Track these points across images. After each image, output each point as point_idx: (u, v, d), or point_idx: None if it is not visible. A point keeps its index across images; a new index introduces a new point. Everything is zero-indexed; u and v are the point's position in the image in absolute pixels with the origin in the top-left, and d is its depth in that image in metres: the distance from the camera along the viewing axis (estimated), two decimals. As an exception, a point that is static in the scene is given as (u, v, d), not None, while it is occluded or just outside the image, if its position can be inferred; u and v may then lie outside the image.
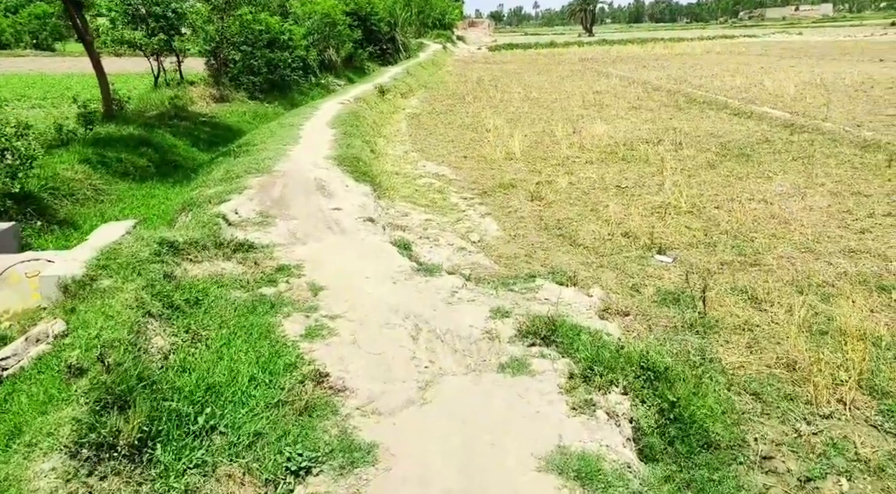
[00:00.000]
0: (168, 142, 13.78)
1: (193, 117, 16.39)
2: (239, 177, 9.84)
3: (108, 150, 11.87)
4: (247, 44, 21.28)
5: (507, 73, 39.00)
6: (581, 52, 59.63)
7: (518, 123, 18.71)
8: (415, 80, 31.89)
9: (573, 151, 14.60)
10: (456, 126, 19.37)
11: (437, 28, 68.43)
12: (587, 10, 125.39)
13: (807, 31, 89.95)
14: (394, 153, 15.56)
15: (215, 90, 20.10)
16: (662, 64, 40.07)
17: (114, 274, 5.45)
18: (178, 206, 9.31)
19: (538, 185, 11.72)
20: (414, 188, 11.97)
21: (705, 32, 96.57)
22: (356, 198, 9.56)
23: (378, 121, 18.96)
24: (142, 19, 19.34)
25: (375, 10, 38.33)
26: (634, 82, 29.20)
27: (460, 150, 15.64)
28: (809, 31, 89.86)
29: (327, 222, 8.40)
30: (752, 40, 69.13)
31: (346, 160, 11.50)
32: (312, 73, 26.28)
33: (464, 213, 10.37)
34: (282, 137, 13.52)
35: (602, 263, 7.97)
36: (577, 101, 23.46)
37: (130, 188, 11.11)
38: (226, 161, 11.39)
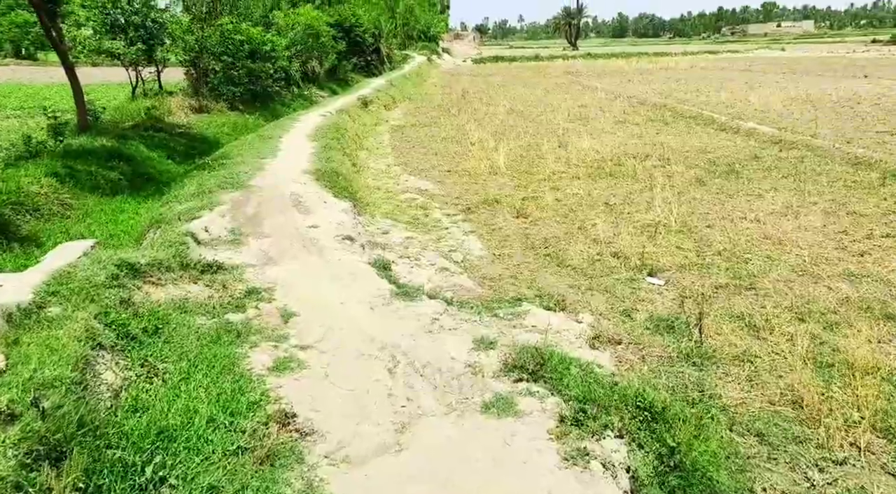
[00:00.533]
0: (142, 155, 13.27)
1: (170, 128, 15.89)
2: (212, 192, 9.39)
3: (79, 163, 11.36)
4: (227, 54, 20.84)
5: (492, 85, 38.90)
6: (566, 65, 59.83)
7: (503, 137, 18.42)
8: (399, 91, 31.60)
9: (559, 166, 14.31)
10: (440, 139, 19.06)
11: (423, 40, 68.45)
12: (571, 23, 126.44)
13: (789, 46, 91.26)
14: (376, 167, 15.18)
15: (194, 101, 19.61)
16: (647, 78, 40.17)
17: (64, 300, 4.98)
18: (146, 223, 8.83)
19: (524, 201, 11.38)
20: (396, 204, 11.59)
21: (689, 47, 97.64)
22: (335, 215, 9.15)
23: (360, 134, 18.59)
24: (121, 29, 18.89)
25: (360, 22, 38.05)
26: (620, 96, 29.13)
27: (444, 164, 15.30)
28: (792, 46, 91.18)
29: (303, 241, 7.97)
30: (736, 55, 69.86)
31: (325, 174, 11.10)
32: (295, 84, 25.87)
33: (447, 231, 9.99)
34: (259, 150, 13.08)
35: (591, 285, 7.62)
36: (562, 115, 23.26)
37: (100, 202, 10.59)
38: (199, 175, 10.92)
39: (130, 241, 8.72)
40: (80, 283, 5.22)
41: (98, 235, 8.97)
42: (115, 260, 5.86)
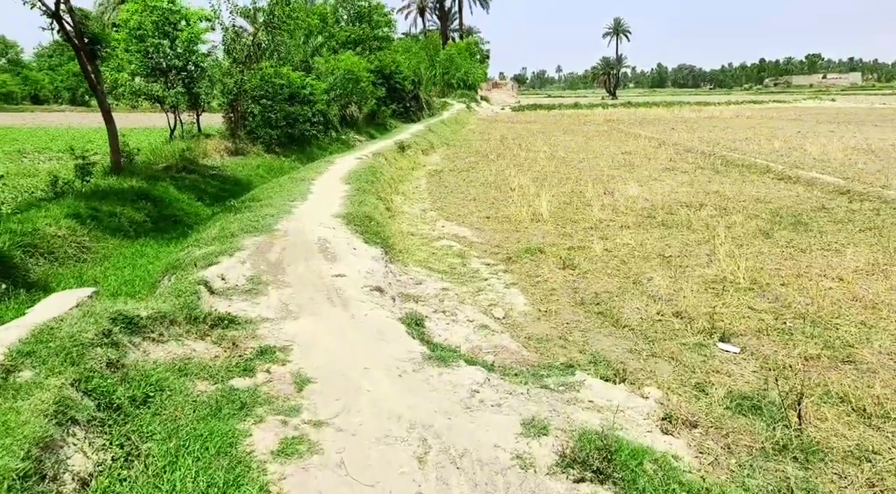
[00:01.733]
0: (170, 196, 12.86)
1: (203, 170, 15.58)
2: (234, 236, 8.74)
3: (104, 204, 10.94)
4: (266, 97, 20.79)
5: (532, 132, 38.45)
6: (606, 113, 59.38)
7: (545, 183, 17.66)
8: (437, 136, 31.30)
9: (606, 214, 13.39)
10: (478, 184, 18.37)
11: (462, 88, 69.01)
12: (611, 73, 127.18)
13: (839, 97, 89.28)
14: (411, 211, 14.49)
15: (231, 143, 19.46)
16: (691, 126, 39.24)
17: (40, 363, 4.23)
18: (162, 269, 8.19)
19: (570, 251, 10.47)
20: (431, 251, 10.79)
21: (732, 97, 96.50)
22: (364, 263, 8.37)
23: (396, 178, 18.02)
24: (162, 72, 18.97)
25: (400, 69, 38.35)
26: (665, 143, 28.24)
27: (483, 210, 14.53)
28: (841, 97, 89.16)
29: (327, 291, 7.18)
30: (783, 106, 68.44)
31: (356, 218, 10.40)
32: (333, 127, 25.75)
33: (486, 282, 9.11)
34: (290, 192, 12.52)
35: (654, 351, 6.60)
36: (605, 161, 22.45)
37: (121, 245, 10.07)
38: (223, 217, 10.34)
39: (145, 288, 8.08)
40: (63, 341, 4.48)
41: (113, 280, 8.38)
42: (111, 312, 5.13)
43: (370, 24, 35.44)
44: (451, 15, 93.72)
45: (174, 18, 18.44)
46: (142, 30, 18.03)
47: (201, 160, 16.77)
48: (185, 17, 18.87)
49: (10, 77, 67.23)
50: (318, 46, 28.78)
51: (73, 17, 13.37)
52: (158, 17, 18.15)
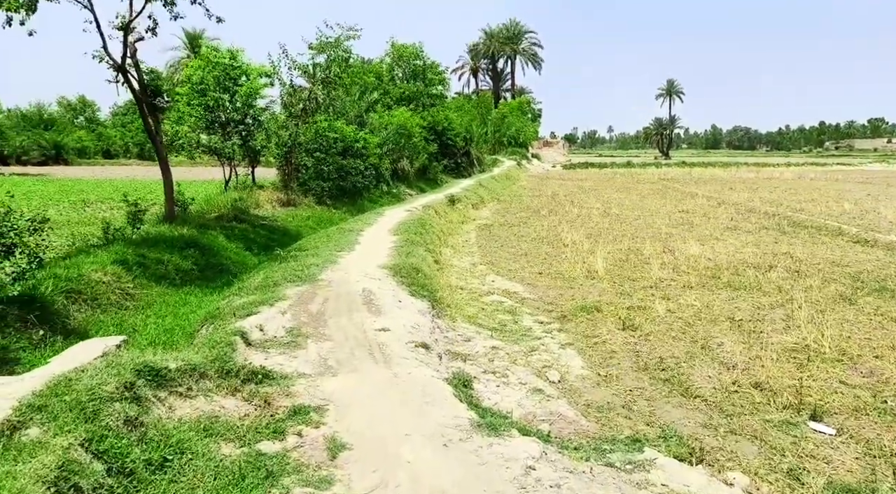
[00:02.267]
0: (219, 245, 12.80)
1: (253, 220, 15.62)
2: (277, 285, 8.43)
3: (152, 251, 10.89)
4: (320, 150, 21.06)
5: (584, 189, 37.98)
6: (660, 172, 58.56)
7: (599, 239, 17.01)
8: (487, 191, 31.15)
9: (667, 273, 12.62)
10: (530, 239, 17.86)
11: (513, 145, 69.51)
12: (664, 133, 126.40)
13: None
14: (460, 265, 14.03)
15: (283, 194, 19.63)
16: (750, 186, 38.05)
17: (50, 419, 3.85)
18: (201, 318, 7.89)
19: (629, 311, 9.75)
20: (480, 306, 10.24)
21: (791, 159, 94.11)
22: (409, 317, 7.88)
23: (446, 230, 17.70)
24: (220, 125, 19.48)
25: (452, 126, 38.78)
26: (724, 203, 27.27)
27: (535, 265, 13.96)
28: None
29: (370, 346, 6.70)
30: (848, 168, 66.12)
31: (403, 270, 9.99)
32: (384, 181, 25.88)
33: (539, 342, 8.47)
34: (337, 243, 12.29)
35: (732, 427, 5.81)
36: (662, 219, 21.68)
37: (165, 293, 9.91)
38: (268, 267, 10.11)
39: (184, 338, 7.78)
40: (80, 394, 4.10)
41: (152, 329, 8.13)
42: (137, 364, 4.77)
43: (424, 81, 36.17)
44: (503, 75, 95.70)
45: (235, 74, 19.03)
46: (203, 84, 18.63)
47: (253, 210, 16.88)
48: (245, 72, 19.47)
49: (86, 133, 71.48)
50: (373, 102, 29.35)
51: (138, 71, 13.84)
52: (220, 73, 18.76)
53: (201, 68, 18.87)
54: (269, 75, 20.47)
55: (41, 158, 61.07)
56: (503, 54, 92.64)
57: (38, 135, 62.87)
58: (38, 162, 60.23)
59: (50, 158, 61.75)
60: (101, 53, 13.15)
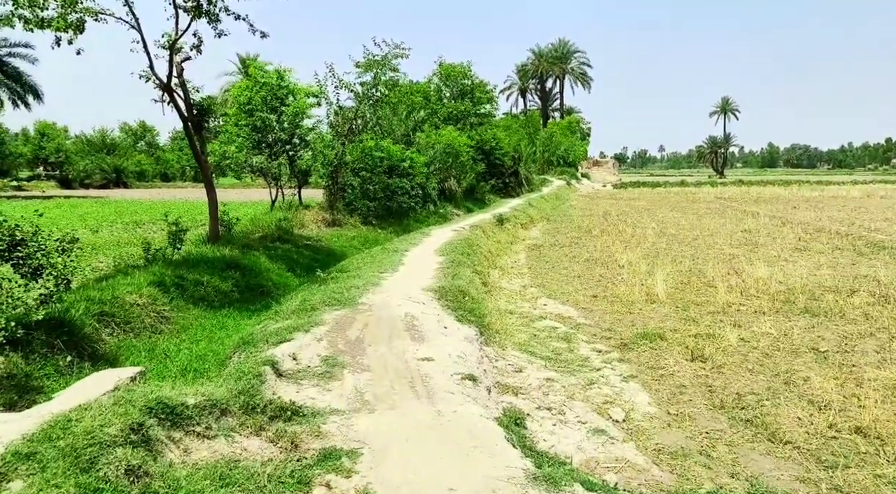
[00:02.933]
0: (260, 266, 12.46)
1: (297, 240, 15.30)
2: (314, 309, 7.92)
3: (191, 272, 10.60)
4: (366, 169, 20.78)
5: (636, 208, 36.73)
6: (715, 191, 56.43)
7: (657, 260, 16.03)
8: (536, 211, 30.36)
9: (734, 297, 11.61)
10: (582, 260, 17.01)
11: (562, 165, 68.49)
12: (718, 152, 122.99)
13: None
14: (509, 287, 13.32)
15: (328, 214, 19.37)
16: (815, 205, 36.07)
17: (39, 469, 3.34)
18: (234, 344, 7.43)
19: (697, 339, 8.85)
20: (532, 332, 9.50)
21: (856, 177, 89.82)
22: (455, 344, 7.23)
23: (494, 251, 17.02)
24: (267, 145, 19.42)
25: (500, 145, 38.24)
26: (789, 222, 25.74)
27: (589, 288, 13.13)
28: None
29: (411, 378, 6.07)
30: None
31: (449, 293, 9.35)
32: (431, 201, 25.44)
33: (598, 373, 7.67)
34: (380, 264, 11.77)
35: (836, 482, 4.91)
36: (723, 239, 20.46)
37: (203, 315, 9.55)
38: (307, 289, 9.64)
39: (216, 365, 7.32)
40: (77, 439, 3.59)
41: (185, 354, 7.71)
42: (149, 400, 4.26)
43: (472, 100, 35.81)
44: (551, 95, 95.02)
45: (282, 93, 18.99)
46: (251, 104, 18.64)
47: (297, 230, 16.61)
48: (292, 92, 19.42)
49: (145, 157, 74.20)
50: (420, 121, 29.08)
51: (184, 90, 13.79)
52: (267, 93, 18.74)
53: (249, 88, 18.92)
54: (316, 95, 20.38)
55: (103, 181, 63.53)
56: (552, 74, 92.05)
57: (100, 160, 65.47)
58: (100, 185, 62.68)
59: (111, 181, 64.17)
60: (147, 73, 13.15)
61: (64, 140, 68.11)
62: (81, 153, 68.29)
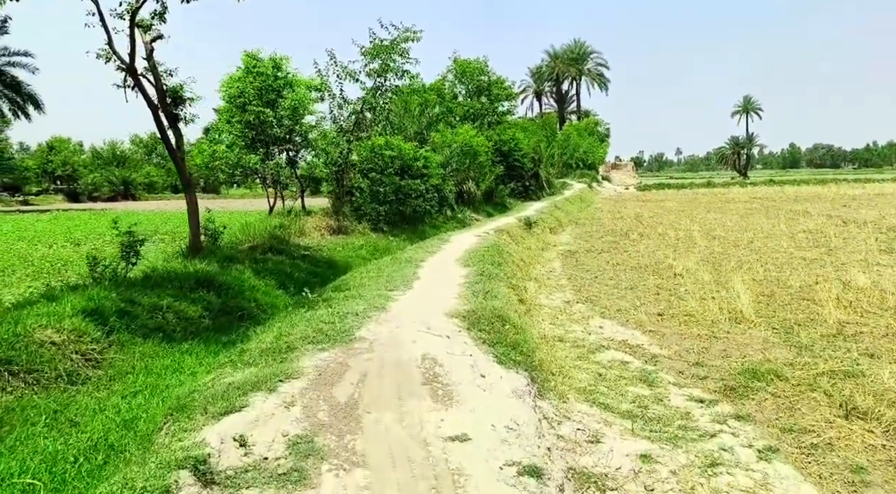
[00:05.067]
0: (244, 283, 10.07)
1: (293, 250, 12.92)
2: (291, 350, 5.47)
3: (147, 294, 8.22)
4: (375, 170, 18.39)
5: (668, 210, 34.02)
6: (746, 192, 53.41)
7: (719, 267, 13.47)
8: (564, 214, 27.80)
9: (847, 314, 9.01)
10: (628, 268, 14.44)
11: (581, 168, 65.73)
12: (740, 152, 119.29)
13: None
14: (550, 304, 10.80)
15: (333, 220, 16.99)
16: (865, 203, 33.15)
17: None
18: (165, 412, 4.98)
19: (834, 380, 6.29)
20: (595, 370, 6.97)
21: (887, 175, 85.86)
22: (500, 405, 4.74)
23: (526, 259, 14.49)
24: (263, 143, 17.12)
25: (519, 146, 35.74)
26: (851, 221, 22.94)
27: (649, 303, 10.59)
28: None
29: (435, 479, 3.59)
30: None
31: (482, 319, 6.85)
32: (448, 205, 23.00)
33: (716, 443, 5.11)
34: (390, 278, 9.29)
35: None
36: (784, 242, 17.78)
37: (154, 352, 7.14)
38: (288, 317, 7.19)
39: (146, 436, 4.90)
40: None
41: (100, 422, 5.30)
42: None
43: (489, 98, 33.36)
44: (567, 97, 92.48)
45: (278, 85, 16.70)
46: (243, 97, 16.36)
47: (295, 239, 14.23)
48: (290, 83, 17.12)
49: (155, 169, 72.48)
50: (435, 119, 26.68)
51: (155, 75, 11.51)
52: (261, 84, 16.46)
53: (241, 79, 16.65)
54: (318, 88, 18.07)
55: (111, 194, 61.92)
56: (568, 76, 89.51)
57: (109, 172, 63.88)
58: (109, 198, 61.07)
59: (119, 194, 62.54)
60: (106, 52, 10.89)
61: (71, 153, 66.69)
62: (91, 166, 66.84)
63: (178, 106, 11.92)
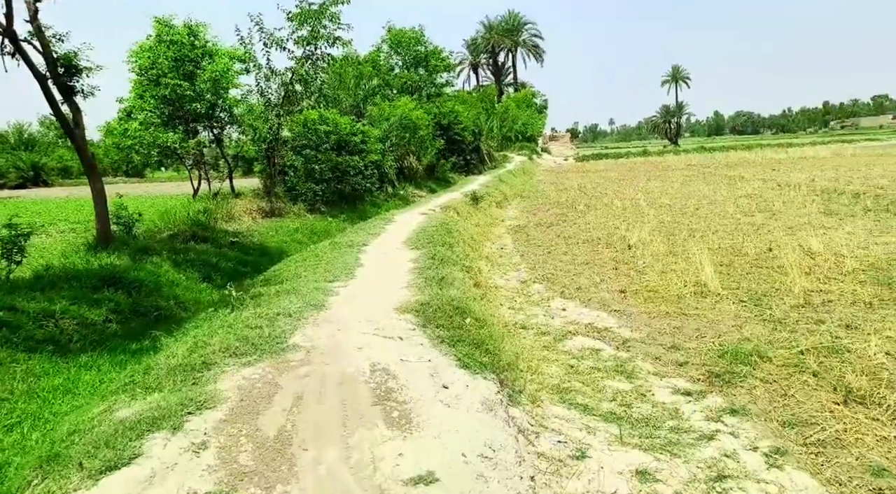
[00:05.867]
0: (161, 278, 8.84)
1: (220, 237, 11.67)
2: (207, 366, 4.44)
3: (33, 300, 6.95)
4: (309, 146, 17.09)
5: (610, 180, 33.93)
6: (680, 159, 54.31)
7: (672, 237, 13.06)
8: (508, 187, 27.15)
9: (811, 282, 8.62)
10: (580, 241, 13.86)
11: (520, 140, 65.39)
12: (671, 121, 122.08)
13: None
14: (506, 285, 10.05)
15: (265, 203, 15.68)
16: (794, 167, 33.93)
17: None
18: (35, 462, 3.89)
19: (822, 358, 5.76)
20: (566, 363, 6.23)
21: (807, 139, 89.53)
22: (471, 427, 3.90)
23: (476, 236, 13.67)
24: (182, 120, 15.55)
25: (459, 119, 34.77)
26: (786, 185, 23.19)
27: (607, 279, 9.99)
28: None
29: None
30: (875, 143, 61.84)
31: (438, 313, 5.96)
32: (389, 182, 21.91)
33: (713, 446, 4.44)
34: (329, 266, 8.26)
35: None
36: (728, 207, 17.64)
37: (42, 370, 5.94)
38: (206, 323, 6.10)
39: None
40: None
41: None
42: None
43: (427, 69, 32.13)
44: (504, 69, 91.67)
45: (195, 54, 15.12)
46: (156, 68, 14.72)
47: (223, 224, 12.93)
48: (209, 53, 15.55)
49: (68, 152, 67.46)
50: (372, 91, 25.34)
51: (41, 39, 9.93)
52: (176, 53, 14.85)
53: (152, 49, 14.98)
54: (242, 60, 16.53)
55: (19, 181, 57.29)
56: (503, 47, 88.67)
57: (15, 157, 59.04)
58: (16, 185, 56.49)
59: (28, 180, 57.91)
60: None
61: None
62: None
63: (73, 76, 10.38)
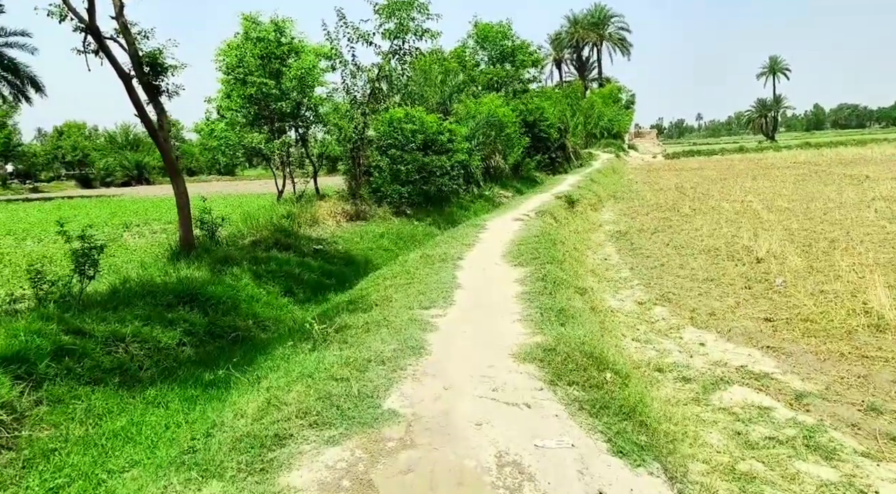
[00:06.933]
0: (240, 293, 8.08)
1: (303, 244, 10.90)
2: (282, 440, 3.39)
3: (103, 321, 6.25)
4: (395, 146, 16.22)
5: (709, 179, 31.40)
6: (783, 156, 50.20)
7: (808, 249, 11.23)
8: (601, 188, 25.42)
9: None
10: (696, 251, 12.22)
11: (606, 137, 62.76)
12: (767, 116, 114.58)
13: None
14: (622, 307, 8.67)
15: (350, 205, 14.91)
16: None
17: None
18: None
19: None
20: (729, 427, 4.84)
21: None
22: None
23: (578, 246, 12.28)
24: (267, 120, 15.02)
25: (545, 116, 33.18)
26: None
27: (744, 302, 8.43)
28: None
29: None
30: None
31: (569, 363, 4.66)
32: (475, 182, 20.78)
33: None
34: (423, 286, 7.18)
35: None
36: (865, 213, 15.36)
37: (105, 407, 5.18)
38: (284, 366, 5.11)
39: None
40: None
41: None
42: None
43: (514, 64, 30.78)
44: (589, 64, 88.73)
45: (282, 52, 14.52)
46: (242, 67, 14.22)
47: (307, 229, 12.20)
48: (295, 49, 14.93)
49: (168, 151, 70.53)
50: (458, 87, 24.28)
51: (126, 37, 9.43)
52: (263, 51, 14.29)
53: (239, 47, 14.50)
54: (328, 57, 15.85)
55: (125, 179, 60.38)
56: (588, 41, 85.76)
57: (121, 157, 62.24)
58: (122, 183, 59.57)
59: (133, 178, 60.96)
60: (60, 9, 8.82)
61: (82, 138, 65.11)
62: (104, 150, 65.23)
63: (159, 75, 9.85)
